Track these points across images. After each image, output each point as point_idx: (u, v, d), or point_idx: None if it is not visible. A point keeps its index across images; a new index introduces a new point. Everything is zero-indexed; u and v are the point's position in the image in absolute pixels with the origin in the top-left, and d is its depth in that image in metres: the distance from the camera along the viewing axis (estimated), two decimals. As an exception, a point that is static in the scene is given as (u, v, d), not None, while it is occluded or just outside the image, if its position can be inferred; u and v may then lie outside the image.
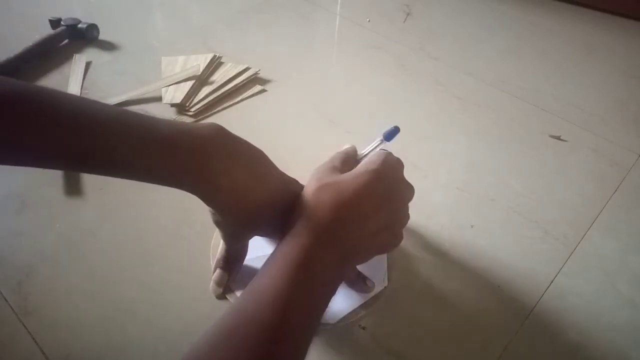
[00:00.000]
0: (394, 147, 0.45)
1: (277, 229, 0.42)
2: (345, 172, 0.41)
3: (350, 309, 0.43)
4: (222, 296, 0.44)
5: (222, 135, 0.38)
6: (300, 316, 0.33)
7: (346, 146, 0.47)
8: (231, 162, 0.37)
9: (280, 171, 0.41)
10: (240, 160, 0.38)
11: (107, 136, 0.34)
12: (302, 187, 0.43)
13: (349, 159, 0.44)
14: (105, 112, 0.35)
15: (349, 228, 0.37)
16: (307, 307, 0.34)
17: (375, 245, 0.40)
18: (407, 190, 0.42)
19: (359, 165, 0.41)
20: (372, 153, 0.44)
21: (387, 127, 0.44)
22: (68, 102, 0.34)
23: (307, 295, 0.34)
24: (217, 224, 0.41)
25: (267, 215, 0.40)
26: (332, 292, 0.36)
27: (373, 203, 0.38)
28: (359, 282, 0.45)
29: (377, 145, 0.45)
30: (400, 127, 0.46)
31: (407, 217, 0.42)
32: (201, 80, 0.69)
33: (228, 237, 0.43)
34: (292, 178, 0.42)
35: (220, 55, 0.74)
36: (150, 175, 0.36)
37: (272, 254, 0.37)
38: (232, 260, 0.45)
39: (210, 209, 0.39)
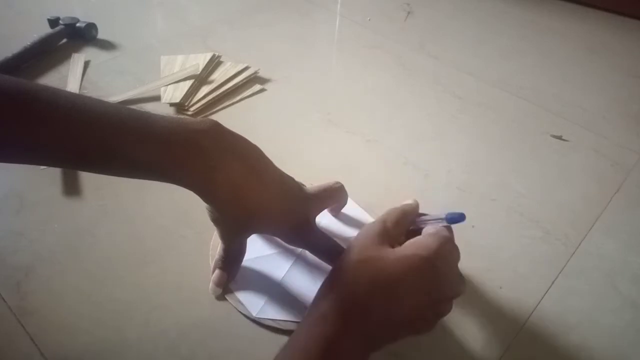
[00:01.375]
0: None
1: (275, 227, 0.42)
2: (398, 234, 0.39)
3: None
4: (221, 297, 0.44)
5: (217, 131, 0.37)
6: None
7: (408, 201, 0.43)
8: (226, 157, 0.37)
9: (277, 168, 0.41)
10: (235, 155, 0.37)
11: (102, 131, 0.34)
12: (298, 185, 0.43)
13: (405, 219, 0.41)
14: (100, 108, 0.35)
15: (383, 316, 0.34)
16: None
17: (406, 333, 0.37)
18: (457, 285, 0.39)
19: (410, 243, 0.37)
20: (430, 227, 0.40)
21: (455, 210, 0.40)
22: (63, 98, 0.34)
23: None
24: (215, 221, 0.41)
25: (265, 212, 0.39)
26: None
27: (415, 293, 0.35)
28: None
29: (437, 223, 0.40)
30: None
31: (449, 310, 0.38)
32: (200, 79, 0.69)
33: (226, 235, 0.43)
34: (289, 175, 0.42)
35: (220, 55, 0.73)
36: (145, 170, 0.36)
37: (296, 334, 0.34)
38: (231, 261, 0.44)
39: (207, 206, 0.39)
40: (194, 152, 0.36)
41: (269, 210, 0.39)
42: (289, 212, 0.41)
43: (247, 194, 0.38)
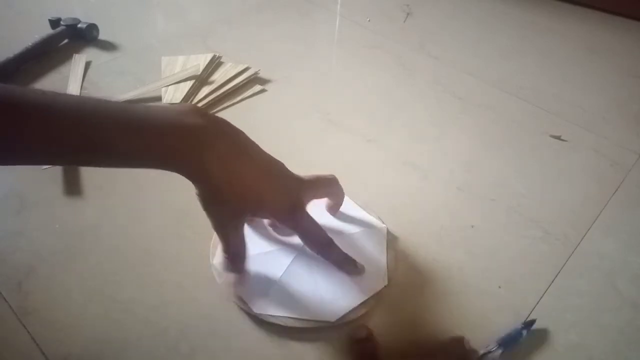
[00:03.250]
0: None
1: (268, 206, 0.42)
2: None
3: (349, 308, 0.43)
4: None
5: (198, 112, 0.38)
6: None
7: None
8: (213, 136, 0.37)
9: (263, 150, 0.41)
10: (222, 134, 0.38)
11: (90, 128, 0.34)
12: (289, 170, 0.43)
13: None
14: (90, 105, 0.35)
15: None
16: None
17: None
18: None
19: None
20: None
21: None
22: (64, 98, 0.34)
23: None
24: (207, 208, 0.40)
25: (257, 190, 0.39)
26: None
27: None
28: (348, 264, 0.44)
29: None
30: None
31: None
32: (201, 80, 0.69)
33: (220, 222, 0.41)
34: (278, 159, 0.42)
35: (220, 55, 0.74)
36: (134, 157, 0.36)
37: None
38: (235, 257, 0.44)
39: (198, 192, 0.39)
40: (180, 134, 0.36)
41: (262, 187, 0.40)
42: (282, 190, 0.41)
43: (239, 169, 0.38)
